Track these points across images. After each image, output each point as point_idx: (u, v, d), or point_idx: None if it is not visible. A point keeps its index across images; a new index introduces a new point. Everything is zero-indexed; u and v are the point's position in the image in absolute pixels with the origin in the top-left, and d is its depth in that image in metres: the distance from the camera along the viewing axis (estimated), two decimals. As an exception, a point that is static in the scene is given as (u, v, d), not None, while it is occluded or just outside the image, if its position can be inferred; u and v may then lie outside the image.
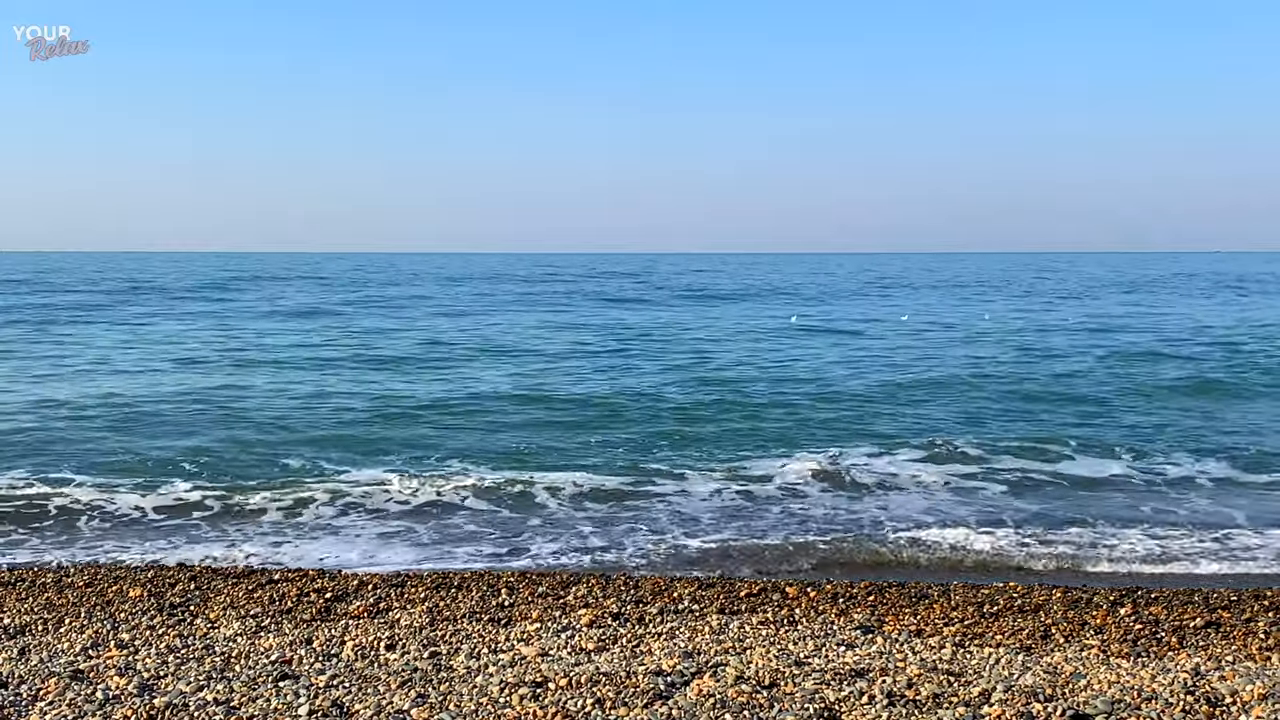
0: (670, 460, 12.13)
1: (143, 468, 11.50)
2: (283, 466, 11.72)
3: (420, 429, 14.21)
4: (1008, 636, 6.14)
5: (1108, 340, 27.16)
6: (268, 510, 9.95)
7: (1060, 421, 14.99)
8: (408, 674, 5.13)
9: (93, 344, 24.97)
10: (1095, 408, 16.34)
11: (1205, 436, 13.88)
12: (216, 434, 13.51)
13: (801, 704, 4.66)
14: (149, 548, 8.80)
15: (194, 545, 8.87)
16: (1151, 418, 15.36)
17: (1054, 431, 14.00)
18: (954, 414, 15.70)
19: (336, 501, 10.22)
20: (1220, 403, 16.93)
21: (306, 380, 18.70)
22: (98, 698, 4.73)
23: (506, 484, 10.83)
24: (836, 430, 14.17)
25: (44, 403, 15.76)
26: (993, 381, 19.06)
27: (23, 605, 6.70)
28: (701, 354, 23.72)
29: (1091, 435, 13.80)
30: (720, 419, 15.02)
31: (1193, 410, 16.11)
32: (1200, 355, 23.40)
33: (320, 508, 10.03)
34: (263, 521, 9.64)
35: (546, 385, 18.19)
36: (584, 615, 6.50)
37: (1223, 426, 14.71)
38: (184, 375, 19.21)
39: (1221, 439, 13.69)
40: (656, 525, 9.60)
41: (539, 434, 13.83)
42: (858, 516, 9.93)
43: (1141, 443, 13.27)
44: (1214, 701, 4.72)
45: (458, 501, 10.33)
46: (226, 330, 29.42)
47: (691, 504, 10.33)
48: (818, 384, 18.75)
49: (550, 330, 30.09)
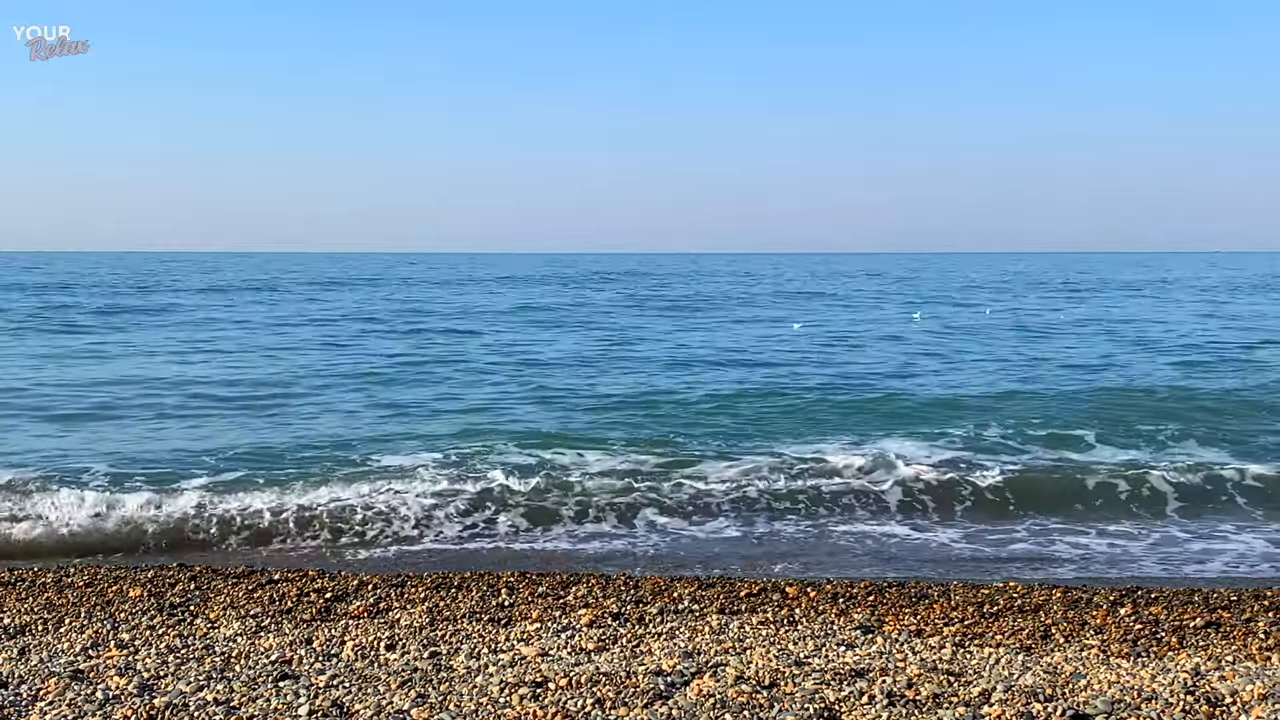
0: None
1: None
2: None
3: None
4: (1008, 636, 6.14)
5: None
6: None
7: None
8: (408, 674, 5.14)
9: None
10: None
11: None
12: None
13: (801, 704, 4.66)
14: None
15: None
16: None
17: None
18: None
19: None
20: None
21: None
22: (98, 698, 4.74)
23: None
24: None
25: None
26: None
27: (23, 605, 6.70)
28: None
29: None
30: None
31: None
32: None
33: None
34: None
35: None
36: (584, 615, 6.50)
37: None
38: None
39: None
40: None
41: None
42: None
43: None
44: (1214, 701, 4.72)
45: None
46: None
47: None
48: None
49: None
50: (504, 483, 10.45)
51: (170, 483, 10.25)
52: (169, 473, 10.78)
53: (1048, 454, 12.31)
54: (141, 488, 10.08)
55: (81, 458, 11.63)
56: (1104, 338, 27.38)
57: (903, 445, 12.40)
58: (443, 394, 17.09)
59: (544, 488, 10.41)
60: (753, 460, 11.55)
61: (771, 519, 9.99)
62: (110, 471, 10.81)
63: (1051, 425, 13.86)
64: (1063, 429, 13.63)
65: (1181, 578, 8.15)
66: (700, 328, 30.94)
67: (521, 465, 11.15)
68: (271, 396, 16.55)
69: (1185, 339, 27.07)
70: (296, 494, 10.02)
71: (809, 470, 11.16)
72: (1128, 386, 18.01)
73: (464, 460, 11.39)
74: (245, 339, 26.47)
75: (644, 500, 10.28)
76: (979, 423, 13.95)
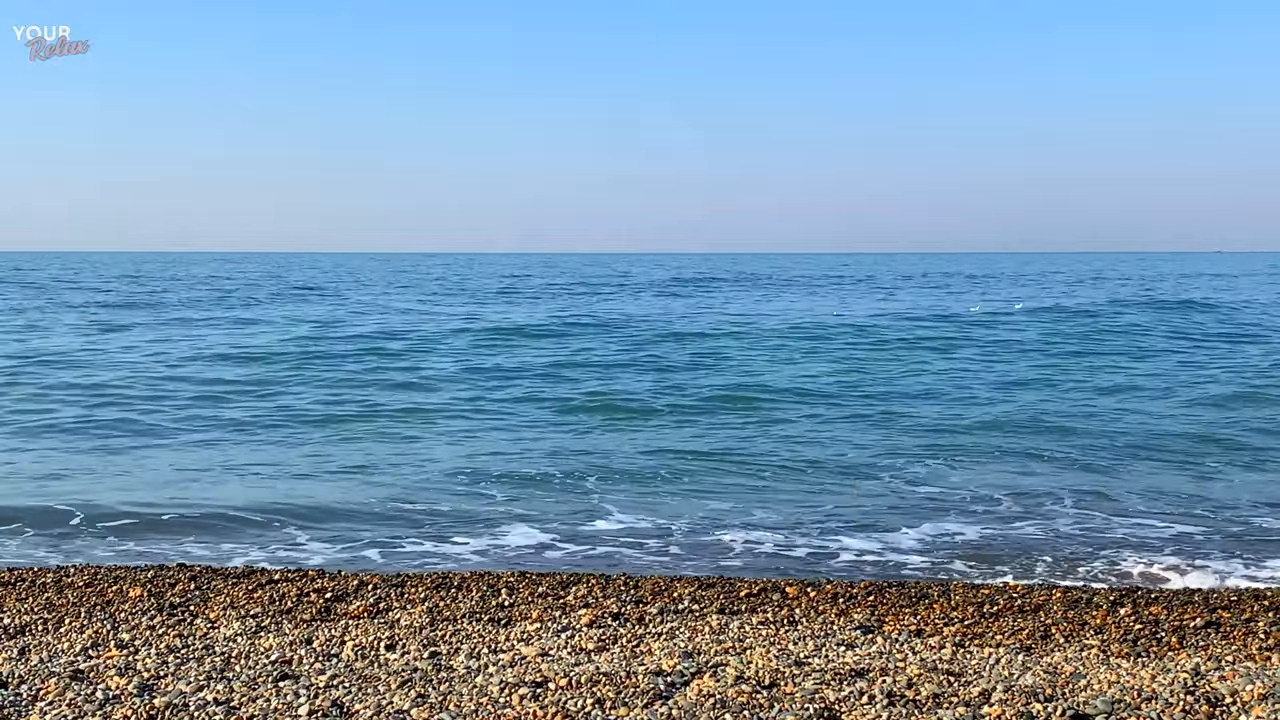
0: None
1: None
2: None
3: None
4: (1008, 636, 6.14)
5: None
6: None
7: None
8: (408, 674, 5.14)
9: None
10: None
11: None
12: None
13: (801, 704, 4.66)
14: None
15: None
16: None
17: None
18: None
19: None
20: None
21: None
22: (98, 698, 4.74)
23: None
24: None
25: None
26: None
27: (23, 605, 6.70)
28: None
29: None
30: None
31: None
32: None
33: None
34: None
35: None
36: (584, 615, 6.50)
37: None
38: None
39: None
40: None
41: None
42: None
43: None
44: (1214, 701, 4.72)
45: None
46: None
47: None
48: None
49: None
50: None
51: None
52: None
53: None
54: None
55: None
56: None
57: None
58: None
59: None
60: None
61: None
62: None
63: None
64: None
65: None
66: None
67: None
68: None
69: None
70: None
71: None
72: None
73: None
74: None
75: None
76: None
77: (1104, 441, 13.56)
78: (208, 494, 10.81)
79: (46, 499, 10.38)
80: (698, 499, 10.72)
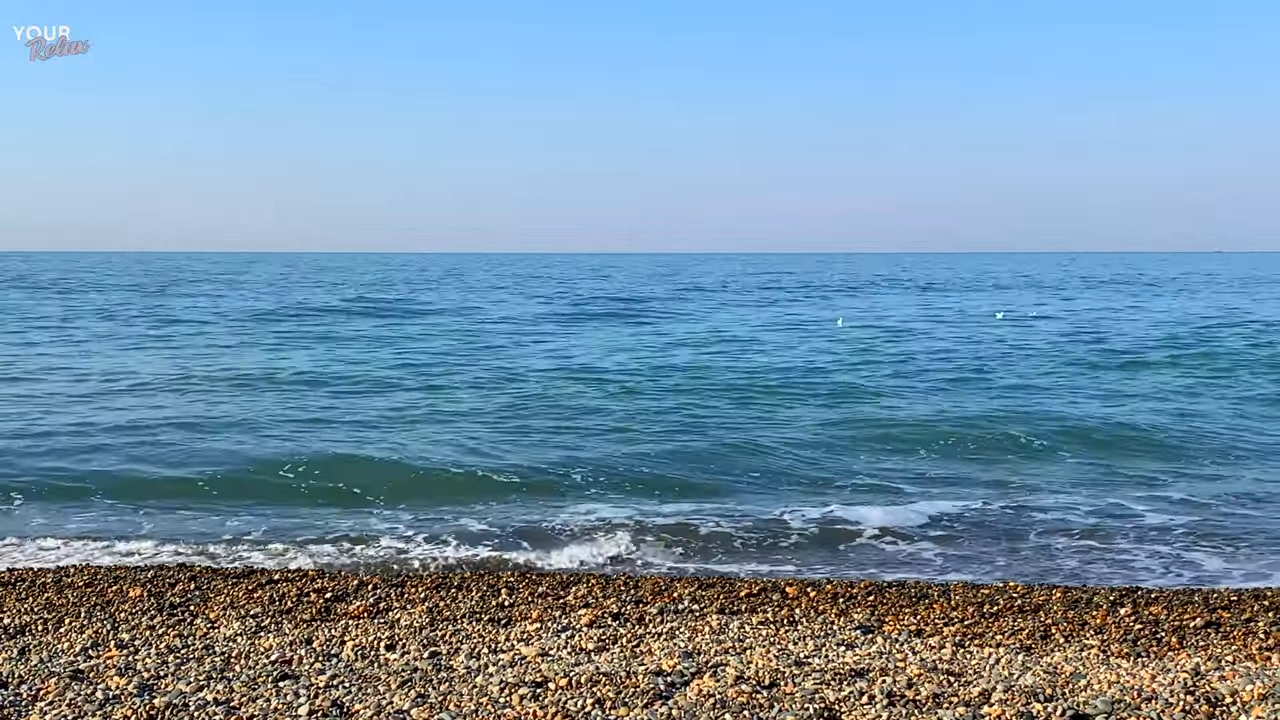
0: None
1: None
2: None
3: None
4: (1008, 636, 6.14)
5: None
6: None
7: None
8: (408, 674, 5.13)
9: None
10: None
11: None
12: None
13: (801, 704, 4.66)
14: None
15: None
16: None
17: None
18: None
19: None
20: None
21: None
22: (98, 698, 4.73)
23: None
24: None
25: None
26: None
27: (23, 605, 6.70)
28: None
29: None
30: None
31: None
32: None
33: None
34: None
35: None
36: (584, 615, 6.50)
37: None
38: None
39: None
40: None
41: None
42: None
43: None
44: (1214, 701, 4.72)
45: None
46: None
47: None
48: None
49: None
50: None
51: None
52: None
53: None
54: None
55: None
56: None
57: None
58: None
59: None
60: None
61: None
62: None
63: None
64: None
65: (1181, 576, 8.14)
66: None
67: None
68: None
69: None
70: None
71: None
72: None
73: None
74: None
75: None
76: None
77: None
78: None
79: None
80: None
